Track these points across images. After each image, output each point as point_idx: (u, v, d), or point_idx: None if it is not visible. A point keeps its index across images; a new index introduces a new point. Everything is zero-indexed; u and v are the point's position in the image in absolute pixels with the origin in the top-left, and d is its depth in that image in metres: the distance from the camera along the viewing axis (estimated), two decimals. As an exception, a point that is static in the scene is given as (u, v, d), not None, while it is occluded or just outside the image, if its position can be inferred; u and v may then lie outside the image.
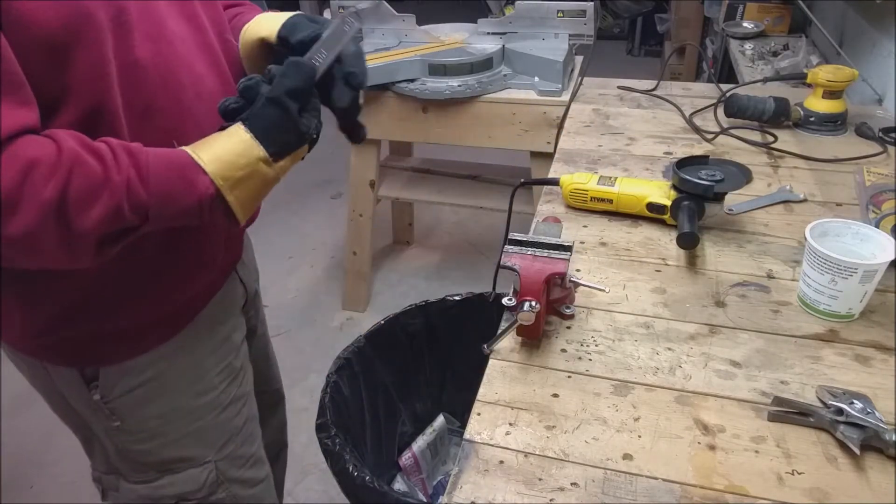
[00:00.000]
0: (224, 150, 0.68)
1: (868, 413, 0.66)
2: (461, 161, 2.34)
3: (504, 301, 0.78)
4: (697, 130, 1.34)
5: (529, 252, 0.79)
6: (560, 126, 1.45)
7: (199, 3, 0.80)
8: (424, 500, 1.31)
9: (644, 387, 0.74)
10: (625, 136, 1.34)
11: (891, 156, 1.22)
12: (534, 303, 0.73)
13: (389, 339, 1.37)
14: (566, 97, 1.76)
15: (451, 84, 1.84)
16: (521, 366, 0.78)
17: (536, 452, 0.67)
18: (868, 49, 1.74)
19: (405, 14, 1.95)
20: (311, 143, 0.76)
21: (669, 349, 0.79)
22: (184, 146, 0.69)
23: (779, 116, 1.32)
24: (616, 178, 1.05)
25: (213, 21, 0.83)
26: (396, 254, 2.68)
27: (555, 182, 1.08)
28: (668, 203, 0.99)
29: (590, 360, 0.78)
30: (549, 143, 1.80)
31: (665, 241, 0.99)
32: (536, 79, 1.82)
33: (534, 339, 0.80)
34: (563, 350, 0.80)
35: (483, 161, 2.31)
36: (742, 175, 1.06)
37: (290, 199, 3.00)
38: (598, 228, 1.03)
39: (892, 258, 0.79)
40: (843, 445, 0.66)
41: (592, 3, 1.79)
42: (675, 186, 0.98)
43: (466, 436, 0.69)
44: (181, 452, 0.90)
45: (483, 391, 0.75)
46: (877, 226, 0.90)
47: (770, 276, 0.91)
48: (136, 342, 0.82)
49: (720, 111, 1.39)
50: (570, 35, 1.83)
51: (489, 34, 1.93)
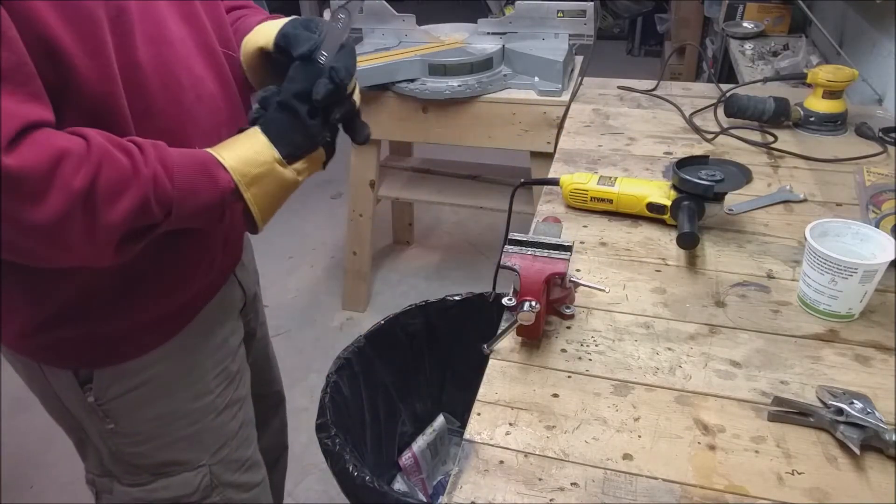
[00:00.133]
0: (243, 149, 0.73)
1: (868, 413, 0.66)
2: (461, 161, 2.34)
3: (504, 301, 0.78)
4: (697, 130, 1.34)
5: (529, 252, 0.79)
6: (560, 126, 1.45)
7: (200, 3, 0.80)
8: (424, 500, 1.31)
9: (644, 387, 0.74)
10: (625, 136, 1.34)
11: (891, 156, 1.22)
12: (534, 303, 0.73)
13: (389, 339, 1.37)
14: (566, 97, 1.76)
15: (451, 84, 1.84)
16: (521, 366, 0.78)
17: (536, 452, 0.67)
18: (868, 49, 1.74)
19: (405, 14, 1.95)
20: (328, 148, 0.80)
21: (669, 349, 0.79)
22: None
23: (779, 116, 1.32)
24: (616, 178, 1.05)
25: (214, 21, 0.82)
26: (396, 254, 2.68)
27: (555, 182, 1.08)
28: (668, 203, 0.99)
29: (590, 360, 0.78)
30: (549, 143, 1.80)
31: (665, 241, 0.99)
32: (536, 79, 1.82)
33: (534, 339, 0.80)
34: (563, 350, 0.80)
35: (483, 161, 2.31)
36: (742, 175, 1.06)
37: (290, 199, 2.92)
38: (598, 228, 1.03)
39: (892, 258, 0.79)
40: (843, 445, 0.66)
41: (592, 3, 1.79)
42: (675, 186, 0.98)
43: (466, 436, 0.69)
44: (175, 456, 0.89)
45: (483, 391, 0.75)
46: (877, 226, 0.90)
47: (770, 276, 0.91)
48: (133, 344, 0.81)
49: (720, 111, 1.39)
50: (570, 35, 1.83)
51: (489, 34, 1.93)
